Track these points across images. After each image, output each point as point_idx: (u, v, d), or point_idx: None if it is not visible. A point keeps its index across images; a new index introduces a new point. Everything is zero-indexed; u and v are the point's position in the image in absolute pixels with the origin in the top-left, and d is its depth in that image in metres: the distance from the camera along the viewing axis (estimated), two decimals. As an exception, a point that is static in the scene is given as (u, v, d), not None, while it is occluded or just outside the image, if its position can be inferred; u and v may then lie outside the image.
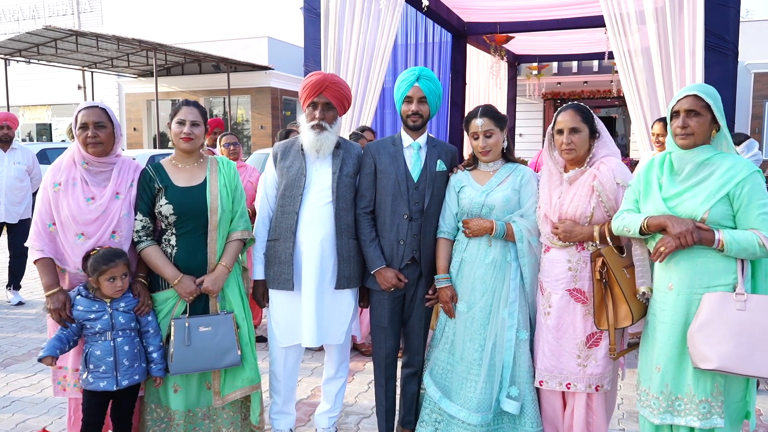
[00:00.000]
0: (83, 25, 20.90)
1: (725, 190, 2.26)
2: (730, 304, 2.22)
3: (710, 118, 2.33)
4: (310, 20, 5.45)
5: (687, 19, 4.28)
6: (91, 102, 2.79)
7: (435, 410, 2.94)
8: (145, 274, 2.82)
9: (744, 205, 2.25)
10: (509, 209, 2.83)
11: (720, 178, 2.28)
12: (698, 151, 2.35)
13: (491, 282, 2.82)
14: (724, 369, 2.20)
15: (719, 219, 2.27)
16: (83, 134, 2.70)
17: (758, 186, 2.25)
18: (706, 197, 2.28)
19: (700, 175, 2.34)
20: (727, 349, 2.19)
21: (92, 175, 2.76)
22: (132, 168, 2.87)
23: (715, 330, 2.21)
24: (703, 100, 2.32)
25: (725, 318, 2.21)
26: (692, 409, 2.31)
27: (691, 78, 4.29)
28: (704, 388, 2.29)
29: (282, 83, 18.15)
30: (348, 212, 2.98)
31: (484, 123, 2.82)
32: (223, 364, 2.78)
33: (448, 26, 7.78)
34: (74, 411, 2.86)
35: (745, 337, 2.19)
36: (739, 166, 2.28)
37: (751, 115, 16.22)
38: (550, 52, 10.90)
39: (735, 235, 2.23)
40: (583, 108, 2.73)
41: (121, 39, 13.84)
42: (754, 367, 2.18)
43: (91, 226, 2.70)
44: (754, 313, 2.20)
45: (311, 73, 3.02)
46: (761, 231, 2.22)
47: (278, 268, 2.97)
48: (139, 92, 19.25)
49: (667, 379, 2.35)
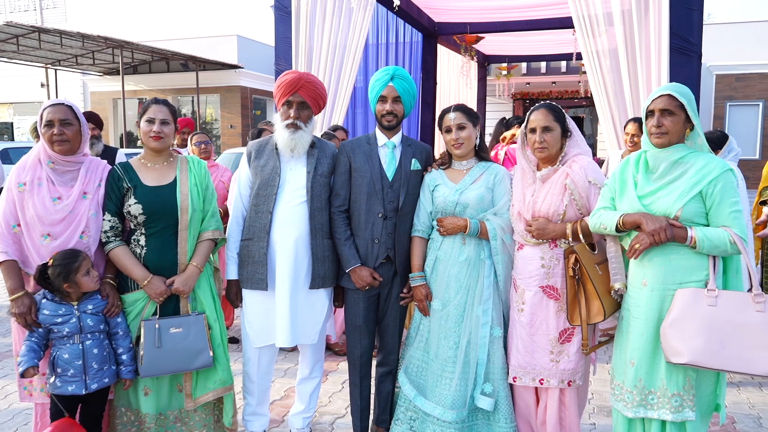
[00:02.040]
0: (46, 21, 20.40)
1: (698, 188, 2.30)
2: (702, 300, 2.26)
3: (684, 117, 2.38)
4: (281, 18, 5.41)
5: (653, 21, 4.37)
6: (57, 99, 2.73)
7: (410, 408, 2.95)
8: (114, 275, 2.76)
9: (716, 203, 2.29)
10: (483, 207, 2.85)
11: (693, 177, 2.32)
12: (673, 150, 2.39)
13: (465, 280, 2.84)
14: (696, 363, 2.25)
15: (692, 216, 2.32)
16: (49, 132, 2.64)
17: (730, 184, 2.29)
18: (680, 195, 2.32)
19: (674, 173, 2.38)
20: (698, 343, 2.24)
21: (58, 174, 2.70)
22: (100, 168, 2.81)
23: (687, 325, 2.26)
24: (677, 99, 2.37)
25: (697, 313, 2.25)
26: (665, 403, 2.35)
27: (656, 79, 4.38)
28: (676, 382, 2.34)
29: (252, 82, 17.99)
30: (322, 212, 2.97)
31: (457, 116, 2.85)
32: (195, 365, 2.74)
33: (418, 26, 7.80)
34: (41, 417, 2.79)
35: (716, 332, 2.24)
36: (712, 165, 2.32)
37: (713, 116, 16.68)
38: (519, 52, 11.02)
39: (707, 232, 2.28)
40: (555, 107, 2.77)
41: (85, 36, 13.54)
42: (724, 361, 2.23)
43: (57, 226, 2.63)
44: (724, 309, 2.25)
45: (286, 72, 3.00)
46: (733, 228, 2.26)
47: (252, 268, 2.94)
48: (105, 90, 18.88)
49: (641, 374, 2.39)
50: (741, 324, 2.23)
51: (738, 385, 4.01)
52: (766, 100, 16.50)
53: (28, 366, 2.49)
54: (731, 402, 3.76)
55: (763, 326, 2.21)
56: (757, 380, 4.11)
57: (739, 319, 2.23)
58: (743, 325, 2.23)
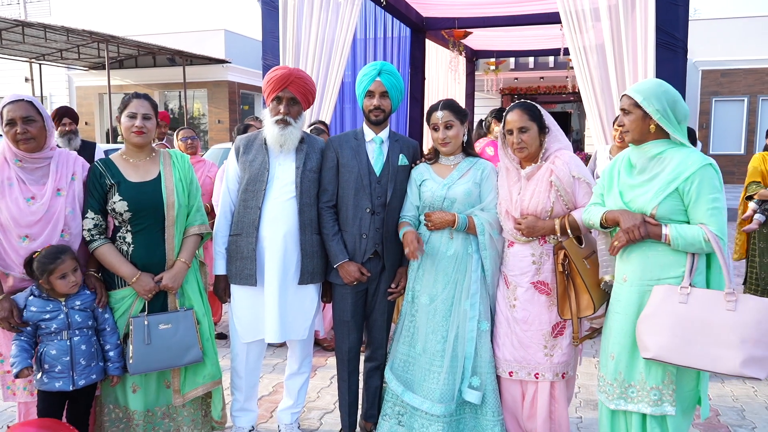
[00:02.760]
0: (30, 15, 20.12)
1: (674, 185, 2.30)
2: (674, 296, 2.27)
3: (641, 115, 2.37)
4: (268, 13, 5.38)
5: (639, 17, 4.40)
6: (16, 95, 2.62)
7: (398, 403, 2.96)
8: (96, 269, 2.73)
9: (694, 200, 2.28)
10: (470, 203, 2.87)
11: (670, 174, 2.32)
12: (650, 146, 2.39)
13: (453, 274, 2.85)
14: (660, 358, 2.27)
15: (668, 214, 2.32)
16: (11, 131, 2.56)
17: (708, 180, 2.27)
18: (656, 193, 2.33)
19: (653, 170, 2.39)
20: (663, 339, 2.26)
21: (28, 172, 2.63)
22: (71, 160, 2.74)
23: (657, 321, 2.28)
24: (632, 98, 2.38)
25: (667, 310, 2.27)
26: (644, 396, 2.37)
27: (643, 74, 4.41)
28: (655, 376, 2.35)
29: (239, 77, 17.88)
30: (311, 207, 2.97)
31: (445, 115, 2.85)
32: (185, 361, 2.73)
33: (407, 21, 7.79)
34: (24, 416, 2.76)
35: (682, 328, 2.24)
36: (690, 161, 2.30)
37: (699, 111, 16.81)
38: (507, 47, 11.04)
39: (682, 230, 2.28)
40: (529, 106, 2.78)
41: (70, 30, 13.36)
42: (688, 358, 2.24)
43: (35, 227, 2.58)
44: (693, 307, 2.25)
45: (276, 68, 2.99)
46: (710, 226, 2.25)
47: (240, 264, 2.93)
48: (90, 85, 18.67)
49: (621, 367, 2.42)
50: (710, 322, 2.22)
51: (722, 379, 4.06)
52: (751, 95, 16.65)
53: (23, 367, 2.47)
54: (715, 395, 3.80)
55: (731, 325, 2.19)
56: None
57: (708, 317, 2.22)
58: (712, 323, 2.22)
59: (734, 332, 2.18)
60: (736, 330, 2.18)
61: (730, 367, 2.18)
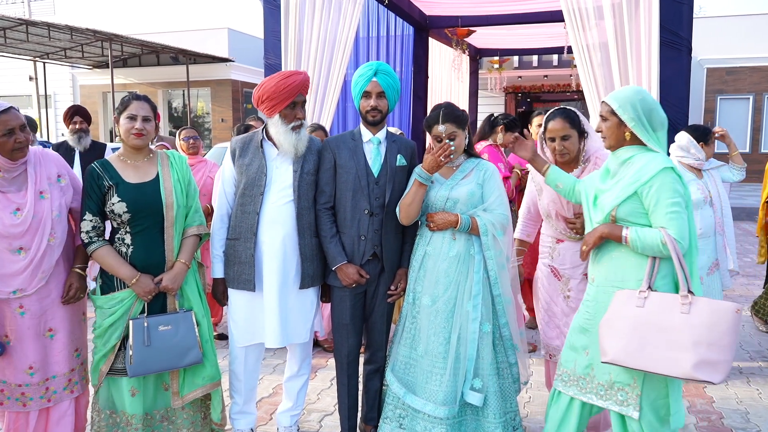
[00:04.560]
0: (34, 13, 20.16)
1: (632, 188, 2.34)
2: (633, 300, 2.29)
3: (617, 122, 2.43)
4: (270, 12, 5.36)
5: (643, 15, 4.36)
6: (3, 104, 2.56)
7: (399, 406, 2.94)
8: (83, 265, 2.72)
9: (653, 204, 2.32)
10: (473, 203, 2.85)
11: (631, 177, 2.37)
12: (622, 151, 2.46)
13: (455, 275, 2.83)
14: (617, 362, 2.28)
15: (628, 216, 2.37)
16: (10, 140, 2.52)
17: (667, 184, 2.30)
18: (616, 196, 2.40)
19: (622, 174, 2.45)
20: (620, 343, 2.28)
21: (8, 182, 2.60)
22: (49, 159, 2.71)
23: (615, 325, 2.31)
24: (608, 105, 2.45)
25: (626, 314, 2.29)
26: (611, 395, 2.42)
27: (647, 73, 4.37)
28: (623, 378, 2.39)
29: (243, 75, 17.89)
30: (309, 210, 2.94)
31: (447, 128, 2.81)
32: (185, 362, 2.72)
33: (410, 20, 7.76)
34: (13, 423, 2.71)
35: (639, 332, 2.26)
36: (651, 165, 2.33)
37: (704, 110, 16.74)
38: (511, 46, 10.99)
39: (641, 232, 2.31)
40: (570, 113, 2.93)
41: (74, 29, 13.39)
42: (644, 361, 2.24)
43: (25, 237, 2.57)
44: (650, 310, 2.26)
45: (285, 74, 2.88)
46: (669, 230, 2.27)
47: (238, 268, 2.91)
48: (94, 84, 18.71)
49: (594, 364, 2.48)
50: (665, 325, 2.23)
51: (726, 381, 4.02)
52: (756, 93, 16.57)
53: None
54: (719, 397, 3.77)
55: (685, 328, 2.19)
56: (745, 375, 4.13)
57: (664, 320, 2.23)
58: (667, 326, 2.23)
59: (687, 335, 2.19)
60: (689, 333, 2.19)
61: (683, 371, 2.18)
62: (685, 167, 4.01)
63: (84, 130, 5.02)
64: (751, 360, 4.42)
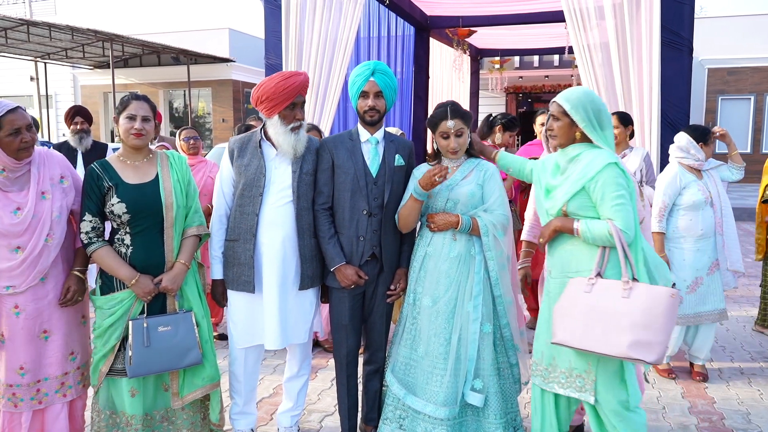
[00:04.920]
0: (35, 14, 20.16)
1: (579, 184, 2.48)
2: (582, 286, 2.46)
3: (569, 122, 2.55)
4: (271, 12, 5.36)
5: (644, 16, 4.36)
6: (10, 103, 2.57)
7: (399, 407, 2.93)
8: (83, 267, 2.72)
9: (600, 198, 2.45)
10: (474, 204, 2.84)
11: (578, 173, 2.50)
12: (570, 149, 2.59)
13: (456, 276, 2.82)
14: (565, 343, 2.45)
15: (579, 210, 2.51)
16: (17, 139, 2.53)
17: (611, 179, 2.43)
18: (565, 192, 2.53)
19: (570, 171, 2.57)
20: (568, 326, 2.45)
21: (11, 181, 2.60)
22: (53, 160, 2.71)
23: (567, 311, 2.47)
24: (561, 106, 2.55)
25: (576, 300, 2.45)
26: (571, 382, 2.55)
27: (648, 73, 4.37)
28: (579, 364, 2.52)
29: (244, 76, 17.89)
30: (308, 211, 2.93)
31: (456, 123, 2.81)
32: (185, 363, 2.71)
33: (410, 20, 7.77)
34: (8, 423, 2.71)
35: (585, 316, 2.41)
36: (596, 162, 2.47)
37: (705, 110, 16.73)
38: (512, 46, 10.99)
39: (591, 224, 2.46)
40: None
41: (75, 29, 13.39)
42: (586, 342, 2.40)
43: (23, 236, 2.57)
44: (595, 296, 2.41)
45: (285, 74, 2.86)
46: (615, 221, 2.41)
47: (238, 270, 2.90)
48: (95, 84, 18.72)
49: (555, 353, 2.60)
50: (608, 309, 2.38)
51: (727, 381, 4.02)
52: (757, 93, 16.55)
53: None
54: (720, 398, 3.76)
55: (624, 311, 2.34)
56: (746, 375, 4.12)
57: (607, 304, 2.38)
58: (610, 310, 2.37)
59: (626, 317, 2.34)
60: (627, 315, 2.34)
61: (620, 350, 2.33)
62: (685, 168, 3.99)
63: (85, 130, 5.02)
64: (752, 360, 4.41)
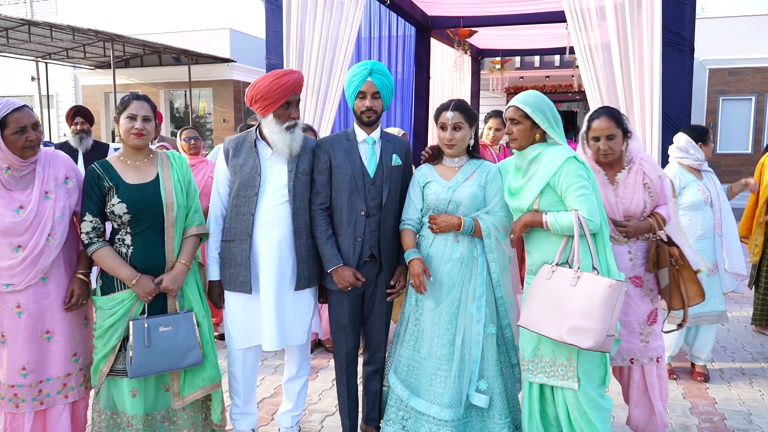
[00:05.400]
0: (36, 14, 20.18)
1: (544, 181, 2.60)
2: (546, 273, 2.62)
3: (530, 124, 2.66)
4: (272, 12, 5.35)
5: (645, 16, 4.35)
6: (16, 102, 2.57)
7: (402, 408, 2.92)
8: (87, 270, 2.71)
9: (564, 191, 2.58)
10: (476, 205, 2.84)
11: (541, 172, 2.62)
12: (529, 150, 2.70)
13: (458, 278, 2.82)
14: (525, 326, 2.63)
15: (548, 206, 2.63)
16: (22, 137, 2.53)
17: (572, 172, 2.56)
18: (533, 191, 2.64)
19: (532, 171, 2.68)
20: (530, 310, 2.62)
21: (16, 180, 2.60)
22: (58, 160, 2.71)
23: (532, 294, 2.64)
24: (521, 109, 2.65)
25: (540, 286, 2.62)
26: (555, 371, 2.65)
27: (649, 73, 4.36)
28: (561, 353, 2.63)
29: (244, 76, 17.87)
30: (305, 211, 2.92)
31: (455, 116, 2.81)
32: (185, 363, 2.71)
33: (411, 20, 7.76)
34: (10, 423, 2.71)
35: (542, 301, 2.58)
36: (556, 159, 2.59)
37: (706, 110, 16.69)
38: (512, 46, 10.97)
39: (558, 216, 2.59)
40: (615, 112, 2.92)
41: (76, 29, 13.38)
42: (537, 325, 2.58)
43: (24, 235, 2.56)
44: (555, 283, 2.57)
45: (278, 73, 2.85)
46: (580, 211, 2.54)
47: (234, 270, 2.90)
48: (96, 84, 18.70)
49: (539, 345, 2.70)
50: (560, 295, 2.53)
51: (728, 382, 4.02)
52: (758, 94, 16.51)
53: None
54: (721, 398, 3.76)
55: (571, 298, 2.49)
56: (747, 376, 4.11)
57: (561, 291, 2.54)
58: (561, 296, 2.53)
59: (570, 304, 2.49)
60: (573, 302, 2.49)
61: (558, 333, 2.50)
62: (684, 168, 3.98)
63: (86, 130, 5.01)
64: (753, 361, 4.40)
